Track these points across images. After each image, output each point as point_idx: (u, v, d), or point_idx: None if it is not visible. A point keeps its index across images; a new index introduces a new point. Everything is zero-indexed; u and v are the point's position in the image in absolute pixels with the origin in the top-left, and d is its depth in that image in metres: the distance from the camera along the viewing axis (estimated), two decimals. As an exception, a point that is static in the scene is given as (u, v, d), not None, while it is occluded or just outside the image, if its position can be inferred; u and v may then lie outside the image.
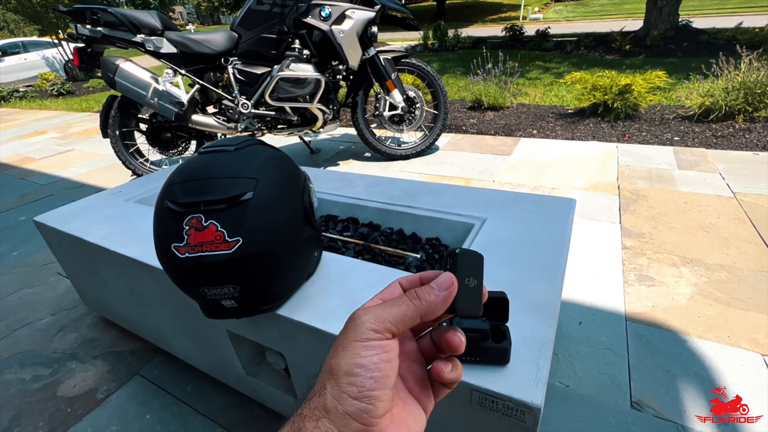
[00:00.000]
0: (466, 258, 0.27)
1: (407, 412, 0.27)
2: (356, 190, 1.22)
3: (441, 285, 0.26)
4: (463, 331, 0.28)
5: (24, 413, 1.09)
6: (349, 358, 0.24)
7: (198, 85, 2.22)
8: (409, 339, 0.30)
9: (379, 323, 0.25)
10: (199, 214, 0.60)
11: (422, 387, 0.29)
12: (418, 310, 0.25)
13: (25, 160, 3.52)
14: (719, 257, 1.43)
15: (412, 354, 0.29)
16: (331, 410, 0.23)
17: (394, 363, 0.24)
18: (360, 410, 0.23)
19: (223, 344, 0.91)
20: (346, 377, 0.23)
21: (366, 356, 0.24)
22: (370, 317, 0.25)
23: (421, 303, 0.25)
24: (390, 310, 0.25)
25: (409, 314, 0.25)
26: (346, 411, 0.23)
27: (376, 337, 0.24)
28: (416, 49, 7.78)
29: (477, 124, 3.27)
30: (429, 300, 0.25)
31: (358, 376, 0.23)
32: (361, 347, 0.24)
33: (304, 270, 0.76)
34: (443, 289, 0.26)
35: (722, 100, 2.68)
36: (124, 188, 1.35)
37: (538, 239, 0.86)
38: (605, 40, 6.02)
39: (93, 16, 2.05)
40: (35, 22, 9.76)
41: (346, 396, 0.23)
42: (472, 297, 0.27)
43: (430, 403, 0.29)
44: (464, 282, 0.26)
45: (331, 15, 2.08)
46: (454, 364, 0.27)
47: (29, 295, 1.61)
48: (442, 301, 0.25)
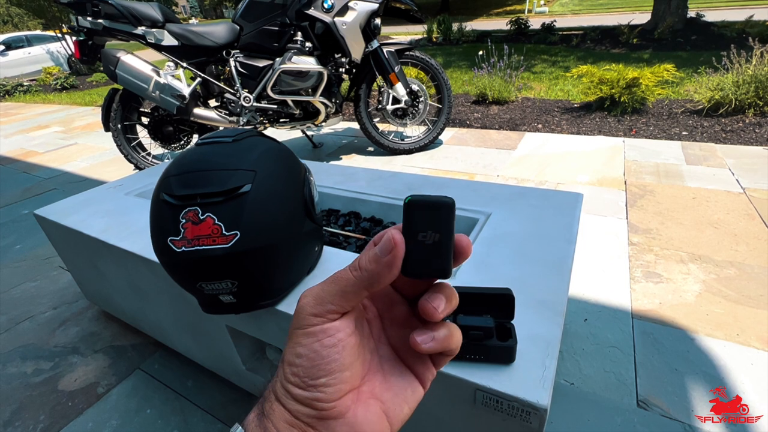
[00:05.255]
0: (420, 207, 0.21)
1: (386, 387, 0.24)
2: (358, 184, 1.20)
3: (383, 248, 0.21)
4: (450, 291, 0.24)
5: (25, 407, 1.09)
6: (290, 347, 0.23)
7: (200, 78, 2.20)
8: (398, 303, 0.26)
9: (318, 306, 0.22)
10: (196, 207, 0.58)
11: (417, 355, 0.25)
12: (360, 282, 0.22)
13: (28, 153, 3.52)
14: (728, 254, 1.41)
15: (403, 318, 0.26)
16: (281, 396, 0.23)
17: (341, 345, 0.22)
18: (307, 398, 0.22)
19: (222, 340, 0.90)
20: (289, 367, 0.22)
21: (306, 344, 0.22)
22: (309, 299, 0.23)
23: (362, 273, 0.22)
24: (329, 288, 0.22)
25: (350, 289, 0.22)
26: (295, 398, 0.22)
27: (317, 322, 0.22)
28: (420, 42, 7.71)
29: (481, 118, 3.23)
30: (369, 269, 0.21)
31: (298, 366, 0.22)
32: (301, 335, 0.22)
33: (304, 265, 0.74)
34: (385, 253, 0.21)
35: (732, 94, 2.63)
36: (124, 182, 1.34)
37: (545, 234, 0.84)
38: (612, 33, 5.93)
39: (94, 8, 2.03)
40: (39, 15, 9.76)
41: (291, 385, 0.22)
42: (433, 255, 0.22)
43: (428, 372, 0.26)
44: (418, 239, 0.21)
45: (334, 6, 2.04)
46: (437, 332, 0.23)
47: (31, 288, 1.61)
48: (386, 268, 0.21)
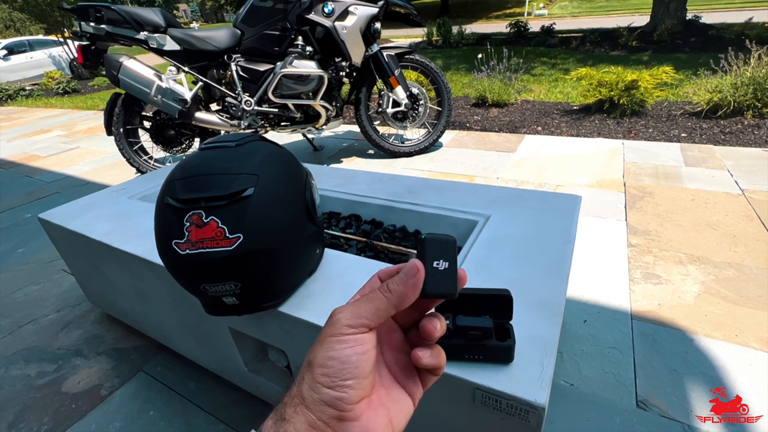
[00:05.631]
0: (434, 243, 0.28)
1: (389, 398, 0.28)
2: (359, 187, 1.21)
3: (407, 273, 0.27)
4: (442, 318, 0.29)
5: (29, 408, 1.10)
6: (324, 351, 0.26)
7: (201, 82, 2.22)
8: (395, 331, 0.31)
9: (354, 319, 0.26)
10: (200, 211, 0.59)
11: (408, 376, 0.30)
12: (390, 301, 0.27)
13: (31, 158, 3.54)
14: (727, 255, 1.41)
15: (398, 344, 0.31)
16: (307, 398, 0.25)
17: (368, 355, 0.26)
18: (333, 398, 0.25)
19: (225, 341, 0.91)
20: (320, 368, 0.25)
21: (339, 349, 0.25)
22: (346, 314, 0.27)
23: (392, 295, 0.27)
24: (364, 306, 0.27)
25: (383, 307, 0.27)
26: (321, 399, 0.25)
27: (351, 332, 0.26)
28: (420, 45, 7.75)
29: (481, 120, 3.25)
30: (398, 290, 0.27)
31: (330, 368, 0.25)
32: (335, 341, 0.26)
33: (305, 267, 0.75)
34: (410, 277, 0.27)
35: (731, 96, 2.64)
36: (127, 185, 1.36)
37: (543, 236, 0.85)
38: (611, 35, 5.95)
39: (97, 13, 2.05)
40: (41, 20, 9.83)
41: (320, 385, 0.25)
42: (443, 279, 0.28)
43: (417, 390, 0.30)
44: (433, 266, 0.28)
45: (334, 11, 2.06)
46: (434, 351, 0.29)
47: (34, 291, 1.62)
48: (411, 288, 0.27)
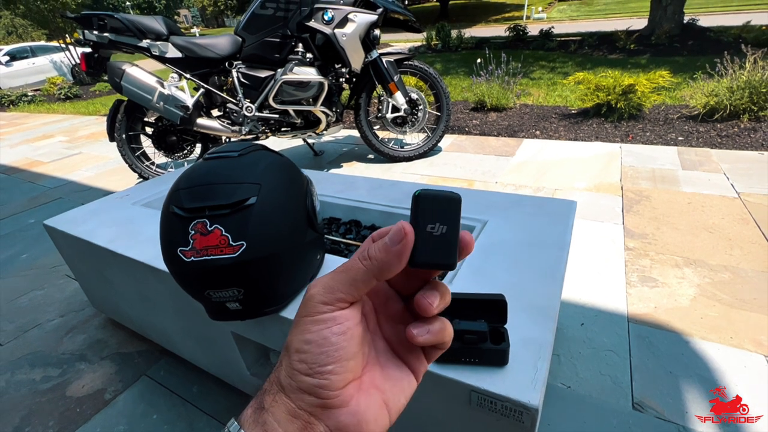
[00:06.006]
0: (430, 200, 0.22)
1: (384, 378, 0.25)
2: (359, 193, 1.23)
3: (393, 238, 0.22)
4: (444, 289, 0.25)
5: (34, 413, 1.12)
6: (298, 334, 0.23)
7: (203, 89, 2.25)
8: (393, 299, 0.27)
9: (328, 294, 0.23)
10: (204, 219, 0.62)
11: (411, 349, 0.26)
12: (370, 271, 0.22)
13: (33, 163, 3.57)
14: (723, 258, 1.43)
15: (397, 315, 0.27)
16: (286, 386, 0.23)
17: (349, 333, 0.23)
18: (313, 386, 0.22)
19: (228, 346, 0.92)
20: (297, 354, 0.23)
21: (315, 331, 0.23)
22: (319, 289, 0.23)
23: (372, 263, 0.22)
24: (339, 278, 0.23)
25: (360, 277, 0.22)
26: (300, 387, 0.23)
27: (327, 310, 0.23)
28: (419, 49, 7.80)
29: (480, 125, 3.27)
30: (379, 258, 0.22)
31: (307, 353, 0.22)
32: (309, 322, 0.23)
33: (306, 272, 0.77)
34: (395, 243, 0.22)
35: (727, 100, 2.67)
36: (131, 192, 1.38)
37: (539, 241, 0.87)
38: (609, 39, 6.00)
39: (100, 22, 2.08)
40: (43, 26, 9.91)
41: (297, 372, 0.23)
42: (440, 246, 0.22)
43: (421, 365, 0.27)
44: (426, 230, 0.22)
45: (334, 18, 2.09)
46: (433, 326, 0.25)
47: (39, 297, 1.64)
48: (395, 256, 0.22)
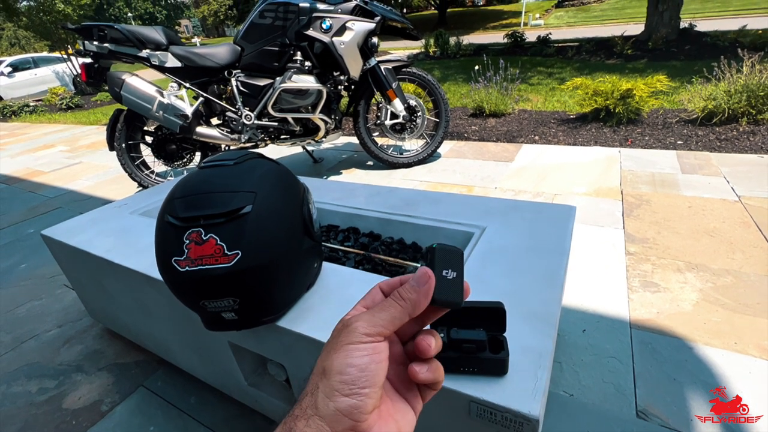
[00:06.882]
0: (443, 253, 0.29)
1: (395, 410, 0.29)
2: (357, 200, 1.22)
3: (419, 281, 0.28)
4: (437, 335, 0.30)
5: (30, 425, 1.10)
6: (341, 359, 0.26)
7: (202, 97, 2.26)
8: (395, 343, 0.31)
9: (371, 327, 0.26)
10: (199, 228, 0.61)
11: (408, 388, 0.31)
12: (405, 309, 0.27)
13: (34, 173, 3.58)
14: (725, 262, 1.42)
15: (399, 357, 0.31)
16: (322, 408, 0.25)
17: (383, 363, 0.26)
18: (350, 407, 0.25)
19: (225, 356, 0.91)
20: (338, 376, 0.25)
21: (357, 357, 0.26)
22: (362, 322, 0.27)
23: (406, 302, 0.27)
24: (380, 314, 0.27)
25: (397, 315, 0.27)
26: (337, 408, 0.25)
27: (368, 340, 0.26)
28: (418, 57, 7.85)
29: (479, 131, 3.28)
30: (412, 298, 0.27)
31: (349, 375, 0.25)
32: (353, 349, 0.26)
33: (303, 281, 0.76)
34: (422, 284, 0.27)
35: (725, 103, 2.67)
36: (129, 201, 1.37)
37: (538, 247, 0.86)
38: (607, 44, 6.03)
39: (100, 32, 2.10)
40: (45, 38, 10.00)
41: (337, 393, 0.25)
42: (451, 288, 0.28)
43: (417, 403, 0.31)
44: (442, 274, 0.29)
45: (332, 27, 2.11)
46: (431, 365, 0.29)
47: (36, 307, 1.63)
48: (423, 296, 0.27)
